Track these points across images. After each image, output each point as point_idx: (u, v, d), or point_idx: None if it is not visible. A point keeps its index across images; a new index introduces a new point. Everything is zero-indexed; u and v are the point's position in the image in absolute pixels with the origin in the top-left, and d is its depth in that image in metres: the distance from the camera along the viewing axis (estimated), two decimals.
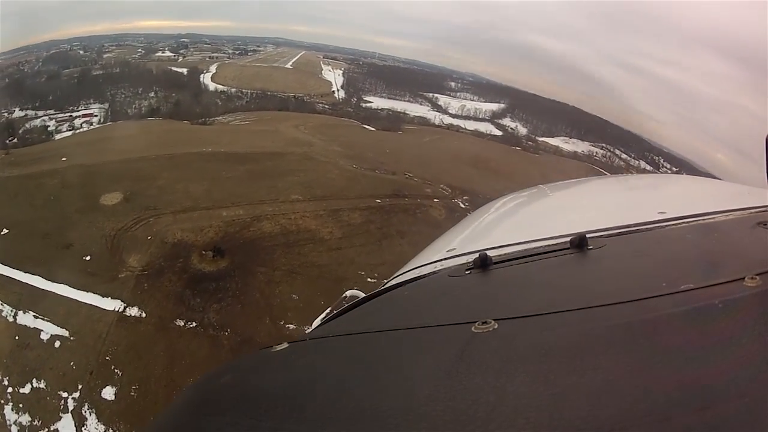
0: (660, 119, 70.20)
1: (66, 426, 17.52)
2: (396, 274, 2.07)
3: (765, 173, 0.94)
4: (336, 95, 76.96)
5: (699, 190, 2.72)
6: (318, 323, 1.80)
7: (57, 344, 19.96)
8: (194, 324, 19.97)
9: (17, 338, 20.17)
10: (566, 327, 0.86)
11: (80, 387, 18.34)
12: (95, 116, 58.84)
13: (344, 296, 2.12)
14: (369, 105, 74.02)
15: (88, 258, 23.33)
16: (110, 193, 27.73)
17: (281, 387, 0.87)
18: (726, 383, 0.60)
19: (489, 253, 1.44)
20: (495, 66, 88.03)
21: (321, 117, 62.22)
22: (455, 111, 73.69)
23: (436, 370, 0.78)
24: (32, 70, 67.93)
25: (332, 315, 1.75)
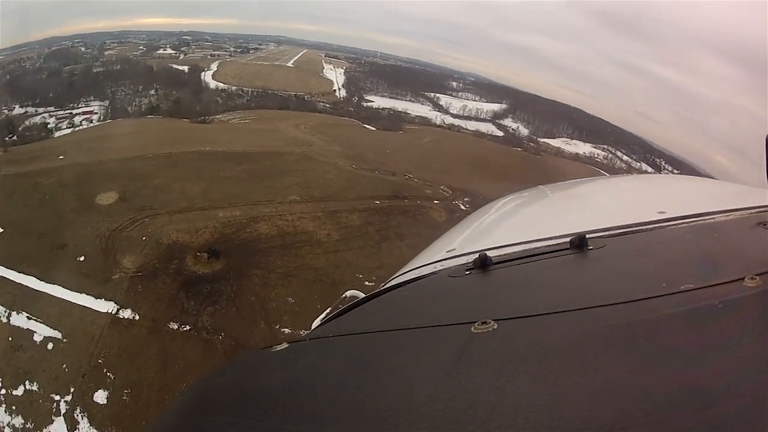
0: (661, 120, 70.12)
1: (58, 429, 17.34)
2: (396, 275, 2.08)
3: (765, 173, 0.94)
4: (337, 94, 76.81)
5: (699, 190, 2.72)
6: (318, 323, 1.79)
7: (50, 346, 19.81)
8: (188, 327, 19.70)
9: (10, 339, 20.05)
10: (566, 327, 0.86)
11: (72, 390, 18.18)
12: (95, 114, 58.75)
13: (344, 296, 2.09)
14: (370, 104, 73.90)
15: (82, 259, 23.10)
16: (106, 193, 27.49)
17: (281, 387, 0.87)
18: (726, 383, 0.60)
19: (489, 254, 1.44)
20: (497, 66, 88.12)
21: (321, 116, 61.94)
22: (457, 111, 73.60)
23: (436, 370, 0.78)
24: (33, 67, 67.94)
25: (332, 315, 1.74)
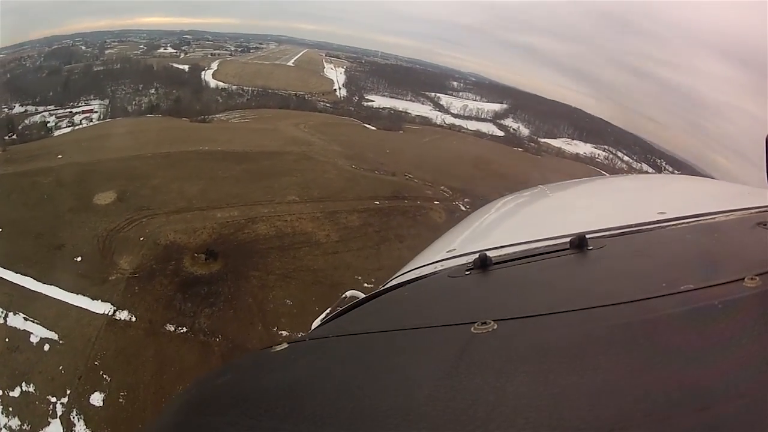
0: (662, 121, 70.03)
1: (55, 431, 17.17)
2: (396, 275, 2.08)
3: (765, 174, 0.94)
4: (337, 93, 76.56)
5: (699, 190, 2.71)
6: (318, 323, 1.77)
7: (46, 347, 19.74)
8: (185, 329, 19.52)
9: (7, 340, 19.98)
10: (566, 327, 0.86)
11: (69, 392, 18.08)
12: (95, 112, 58.64)
13: (344, 296, 2.07)
14: (371, 104, 73.67)
15: (79, 259, 22.96)
16: (104, 192, 27.35)
17: (281, 387, 0.87)
18: (726, 383, 0.60)
19: (489, 254, 1.43)
20: (497, 66, 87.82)
21: (322, 115, 61.70)
22: (457, 111, 73.31)
23: (436, 371, 0.78)
24: (34, 66, 67.90)
25: (332, 315, 1.73)
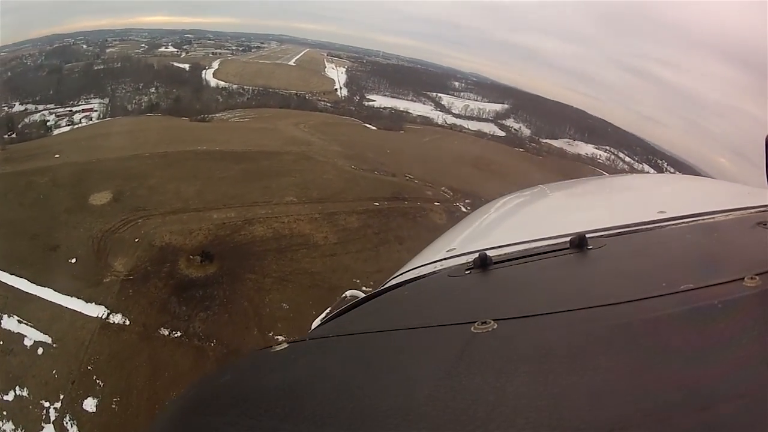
0: (664, 122, 69.82)
1: None
2: (396, 274, 2.07)
3: (765, 174, 0.95)
4: (338, 93, 76.36)
5: (699, 190, 2.71)
6: (318, 323, 1.74)
7: (40, 351, 19.55)
8: (179, 333, 19.20)
9: (1, 343, 19.78)
10: (566, 327, 0.86)
11: (62, 397, 17.89)
12: (95, 111, 58.54)
13: (344, 296, 2.04)
14: (372, 103, 73.53)
15: (74, 261, 22.66)
16: (100, 193, 27.04)
17: (281, 387, 0.87)
18: (726, 383, 0.61)
19: (489, 253, 1.44)
20: (499, 66, 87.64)
21: (322, 115, 61.43)
22: (459, 111, 73.15)
23: (436, 370, 0.78)
24: (34, 64, 67.96)
25: (332, 315, 1.71)
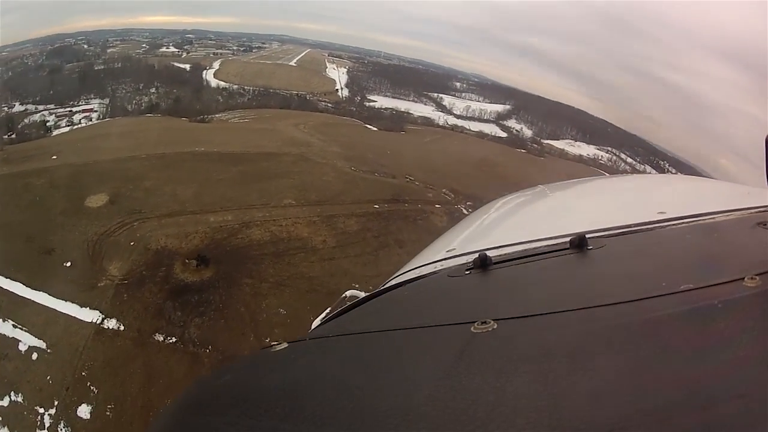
0: (665, 123, 69.72)
1: None
2: (396, 274, 2.06)
3: (765, 174, 0.95)
4: (339, 94, 76.07)
5: (699, 190, 2.70)
6: (318, 323, 1.72)
7: (34, 356, 19.35)
8: (174, 339, 18.87)
9: None
10: (566, 327, 0.87)
11: (56, 403, 17.64)
12: (95, 111, 58.37)
13: (344, 296, 2.04)
14: (372, 104, 73.23)
15: (69, 264, 22.40)
16: (96, 195, 26.75)
17: (281, 387, 0.88)
18: (726, 383, 0.61)
19: (489, 253, 1.43)
20: (501, 67, 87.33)
21: (323, 116, 61.12)
22: (460, 111, 72.83)
23: (436, 370, 0.79)
24: (35, 64, 67.78)
25: (332, 315, 1.70)
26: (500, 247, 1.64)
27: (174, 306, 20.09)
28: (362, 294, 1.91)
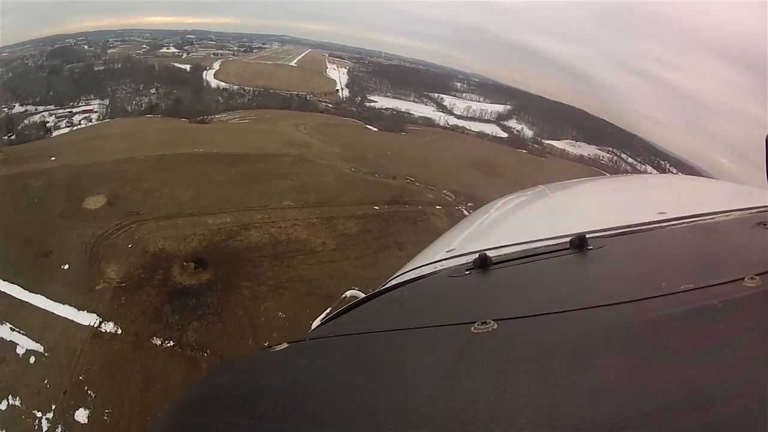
0: (666, 123, 69.62)
1: None
2: (396, 274, 2.06)
3: (765, 174, 0.95)
4: (340, 94, 75.91)
5: (699, 190, 2.69)
6: (318, 323, 1.69)
7: (32, 360, 19.27)
8: (172, 343, 18.72)
9: None
10: (566, 327, 0.87)
11: (54, 407, 17.54)
12: (94, 112, 58.28)
13: (344, 296, 1.97)
14: (373, 104, 73.05)
15: (66, 267, 22.26)
16: (94, 196, 26.63)
17: (281, 387, 0.89)
18: (726, 383, 0.62)
19: (489, 254, 1.43)
20: (501, 67, 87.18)
21: (323, 116, 61.00)
22: (460, 112, 72.60)
23: (436, 370, 0.79)
24: (35, 65, 67.70)
25: (332, 315, 1.69)
26: (500, 247, 1.64)
27: (172, 309, 19.93)
28: (362, 294, 1.90)
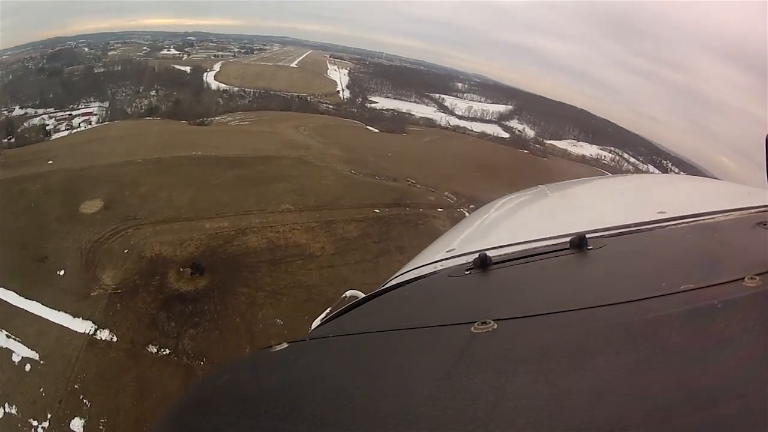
0: (667, 123, 69.33)
1: None
2: (396, 274, 2.04)
3: (765, 173, 0.95)
4: (341, 95, 75.74)
5: (699, 190, 2.67)
6: (318, 323, 1.69)
7: (27, 367, 19.06)
8: (167, 351, 18.41)
9: None
10: (566, 327, 0.87)
11: (50, 416, 17.28)
12: (94, 115, 58.17)
13: (344, 296, 1.97)
14: (374, 105, 72.90)
15: (62, 273, 21.98)
16: (91, 201, 26.39)
17: (281, 387, 0.89)
18: (726, 383, 0.62)
19: (489, 254, 1.44)
20: (503, 67, 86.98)
21: (323, 117, 60.81)
22: (462, 112, 72.50)
23: (436, 370, 0.79)
24: (35, 67, 67.70)
25: (332, 315, 1.69)
26: (500, 247, 1.64)
27: (168, 316, 19.61)
28: (362, 294, 1.87)
